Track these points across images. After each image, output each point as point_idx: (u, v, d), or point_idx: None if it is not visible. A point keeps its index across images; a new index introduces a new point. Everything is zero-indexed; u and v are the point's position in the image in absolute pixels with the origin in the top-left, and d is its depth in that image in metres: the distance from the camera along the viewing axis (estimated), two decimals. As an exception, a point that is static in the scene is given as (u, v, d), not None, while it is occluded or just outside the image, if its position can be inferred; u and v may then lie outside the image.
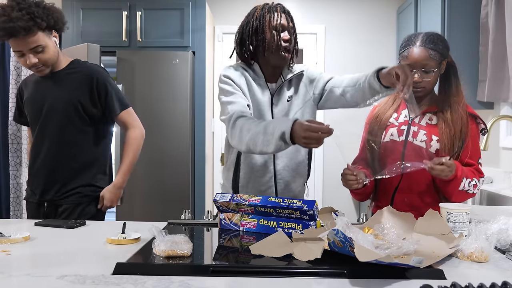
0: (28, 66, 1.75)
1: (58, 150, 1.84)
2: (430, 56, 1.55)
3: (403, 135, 1.64)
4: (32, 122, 1.90)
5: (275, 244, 1.20)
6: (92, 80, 1.85)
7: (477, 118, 1.63)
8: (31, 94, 1.88)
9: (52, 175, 1.86)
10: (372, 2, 4.06)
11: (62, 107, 1.82)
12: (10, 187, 3.97)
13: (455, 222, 1.30)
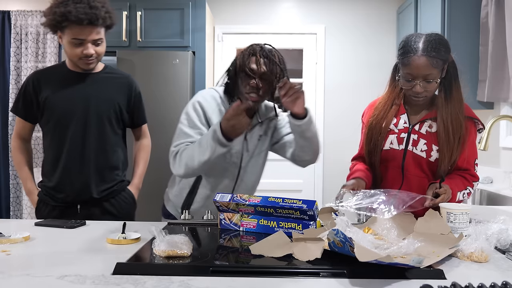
0: (80, 56, 1.74)
1: (99, 149, 1.82)
2: (432, 66, 1.46)
3: (403, 144, 1.60)
4: (65, 116, 1.79)
5: (275, 244, 1.20)
6: (131, 86, 1.92)
7: (476, 120, 1.61)
8: (62, 88, 1.80)
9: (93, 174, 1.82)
10: (372, 2, 4.06)
11: (106, 108, 1.83)
12: (10, 187, 3.98)
13: (455, 222, 1.30)
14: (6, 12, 3.92)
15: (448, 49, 1.51)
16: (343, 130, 4.03)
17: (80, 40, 1.72)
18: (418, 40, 1.50)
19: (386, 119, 1.63)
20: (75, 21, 1.68)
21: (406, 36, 1.58)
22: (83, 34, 1.72)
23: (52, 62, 3.86)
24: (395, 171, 1.62)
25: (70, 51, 1.75)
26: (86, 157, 1.81)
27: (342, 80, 4.07)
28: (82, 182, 1.81)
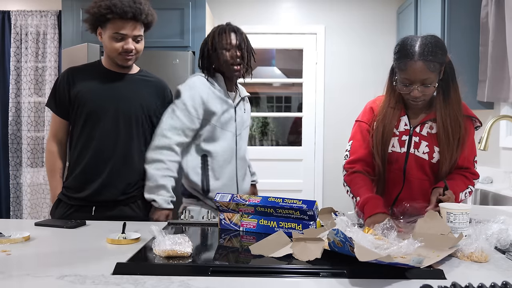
0: (119, 52, 1.75)
1: (125, 150, 1.79)
2: (429, 70, 1.45)
3: (405, 146, 1.59)
4: (96, 113, 1.78)
5: (275, 244, 1.20)
6: (164, 91, 1.93)
7: (473, 119, 1.61)
8: (96, 85, 1.79)
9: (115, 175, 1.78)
10: (372, 2, 4.06)
11: (136, 109, 1.81)
12: (10, 187, 3.98)
13: (455, 222, 1.30)
14: (6, 12, 3.92)
15: (444, 51, 1.49)
16: (343, 130, 4.03)
17: (121, 35, 1.74)
18: (414, 43, 1.47)
19: (389, 123, 1.60)
20: (120, 13, 1.71)
21: (401, 39, 1.55)
22: (125, 29, 1.74)
23: (52, 62, 3.86)
24: (396, 174, 1.61)
25: (110, 45, 1.76)
26: (111, 156, 1.78)
27: (342, 80, 4.07)
28: (101, 181, 1.77)
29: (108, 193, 1.78)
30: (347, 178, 1.67)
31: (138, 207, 1.83)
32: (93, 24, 1.78)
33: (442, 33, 2.96)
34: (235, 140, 1.97)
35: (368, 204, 1.51)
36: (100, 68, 1.84)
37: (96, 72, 1.83)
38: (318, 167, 4.10)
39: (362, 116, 1.70)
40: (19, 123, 3.96)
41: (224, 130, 1.93)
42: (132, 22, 1.75)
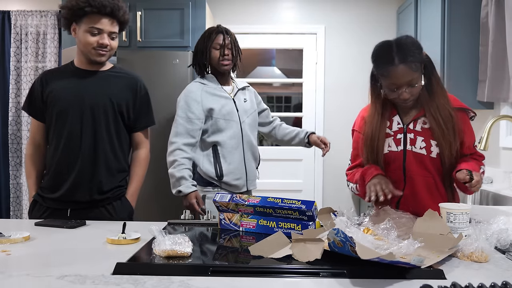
0: (94, 46, 1.76)
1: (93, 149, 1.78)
2: (412, 70, 1.46)
3: (401, 145, 1.60)
4: (63, 112, 1.78)
5: (275, 245, 1.20)
6: (136, 86, 1.89)
7: (466, 110, 1.61)
8: (65, 84, 1.80)
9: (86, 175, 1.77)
10: (372, 2, 4.06)
11: (102, 105, 1.79)
12: (10, 187, 3.97)
13: (455, 222, 1.30)
14: (6, 12, 3.92)
15: (420, 48, 1.51)
16: (343, 130, 4.03)
17: (98, 29, 1.75)
18: (390, 49, 1.48)
19: (380, 130, 1.60)
20: (98, 7, 1.72)
21: (376, 46, 1.55)
22: (102, 24, 1.75)
23: (52, 62, 3.86)
24: (396, 173, 1.61)
25: (86, 40, 1.76)
26: (80, 156, 1.77)
27: (342, 80, 4.07)
28: (73, 181, 1.76)
29: (80, 193, 1.77)
30: (349, 178, 1.73)
31: (114, 209, 1.82)
32: (69, 19, 1.78)
33: (442, 33, 2.96)
34: (239, 127, 2.17)
35: (368, 171, 1.58)
36: (72, 68, 1.85)
37: (68, 72, 1.84)
38: (318, 167, 4.09)
39: (356, 124, 1.75)
40: (19, 123, 3.96)
41: (228, 120, 2.13)
42: (109, 18, 1.76)
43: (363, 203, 3.68)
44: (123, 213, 1.83)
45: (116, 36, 1.82)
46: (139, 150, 1.94)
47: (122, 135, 1.86)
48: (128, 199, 1.87)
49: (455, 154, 1.56)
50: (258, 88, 2.41)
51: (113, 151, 1.82)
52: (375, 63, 1.54)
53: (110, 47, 1.80)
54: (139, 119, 1.90)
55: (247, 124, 2.21)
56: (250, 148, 2.22)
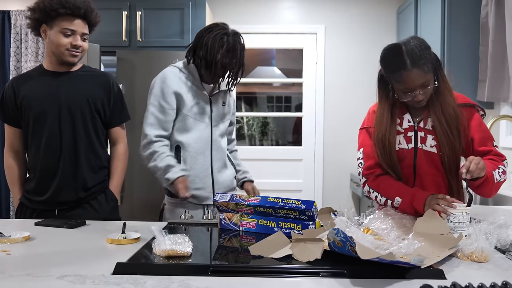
0: (67, 47, 1.77)
1: (74, 148, 1.80)
2: (425, 72, 1.45)
3: (412, 142, 1.58)
4: (41, 116, 1.78)
5: (275, 245, 1.20)
6: (108, 83, 1.90)
7: (475, 106, 1.59)
8: (38, 88, 1.81)
9: (70, 174, 1.79)
10: (372, 2, 4.06)
11: (79, 104, 1.80)
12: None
13: (455, 222, 1.30)
14: (6, 12, 3.92)
15: (429, 48, 1.49)
16: (343, 130, 4.04)
17: (71, 31, 1.76)
18: (400, 53, 1.46)
19: (391, 127, 1.59)
20: (72, 9, 1.74)
21: (384, 50, 1.52)
22: (75, 25, 1.77)
23: (52, 62, 3.86)
24: (406, 171, 1.60)
25: (58, 41, 1.77)
26: (61, 156, 1.79)
27: (342, 80, 4.07)
28: (58, 183, 1.78)
29: (66, 193, 1.79)
30: (372, 184, 1.62)
31: (98, 203, 1.85)
32: (40, 20, 1.80)
33: (442, 33, 2.96)
34: (210, 131, 1.97)
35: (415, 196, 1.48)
36: (42, 70, 1.86)
37: (39, 75, 1.85)
38: (318, 167, 4.09)
39: (367, 122, 1.69)
40: (19, 123, 3.96)
41: (197, 120, 1.94)
42: (82, 19, 1.78)
43: (363, 203, 3.68)
44: (108, 206, 1.87)
45: (87, 38, 1.84)
46: (117, 145, 1.95)
47: (100, 132, 1.88)
48: (112, 191, 1.90)
49: (458, 155, 1.54)
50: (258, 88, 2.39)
51: (92, 149, 1.85)
52: (386, 69, 1.51)
53: (82, 48, 1.81)
54: (114, 115, 1.92)
55: (219, 130, 2.01)
56: (221, 156, 2.00)
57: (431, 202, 1.39)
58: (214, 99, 2.00)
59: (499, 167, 1.51)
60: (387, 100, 1.60)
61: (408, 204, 1.49)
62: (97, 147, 1.86)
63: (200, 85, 1.96)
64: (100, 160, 1.88)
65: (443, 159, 1.54)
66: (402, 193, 1.52)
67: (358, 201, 4.02)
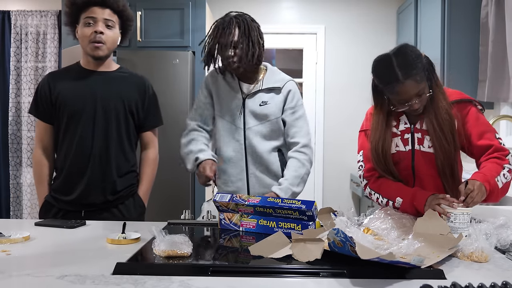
0: (90, 38, 1.74)
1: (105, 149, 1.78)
2: (419, 82, 1.43)
3: (409, 144, 1.58)
4: (75, 114, 1.77)
5: (275, 245, 1.20)
6: (144, 86, 1.89)
7: (472, 101, 1.56)
8: (74, 86, 1.79)
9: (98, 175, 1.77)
10: (372, 2, 4.06)
11: (114, 105, 1.78)
12: (10, 187, 3.98)
13: (455, 222, 1.30)
14: (6, 12, 3.92)
15: (419, 55, 1.46)
16: (343, 130, 4.04)
17: (91, 18, 1.74)
18: (391, 64, 1.43)
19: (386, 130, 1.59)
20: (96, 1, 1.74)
21: (375, 62, 1.49)
22: (94, 12, 1.75)
23: (52, 62, 3.86)
24: (405, 173, 1.59)
25: (82, 33, 1.76)
26: (91, 156, 1.76)
27: (342, 80, 4.07)
28: (86, 183, 1.76)
29: (94, 194, 1.76)
30: (373, 186, 1.62)
31: (126, 208, 1.82)
32: (71, 22, 1.79)
33: (442, 33, 2.96)
34: (243, 133, 1.88)
35: (416, 196, 1.48)
36: (78, 68, 1.85)
37: (75, 73, 1.83)
38: (318, 167, 4.09)
39: (365, 124, 1.69)
40: (19, 123, 3.96)
41: (229, 122, 1.89)
42: (99, 6, 1.75)
43: (363, 203, 3.68)
44: (135, 211, 1.83)
45: (113, 26, 1.78)
46: (148, 150, 1.93)
47: (132, 135, 1.86)
48: (140, 197, 1.87)
49: (453, 157, 1.52)
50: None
51: (123, 151, 1.82)
52: (378, 80, 1.50)
53: (106, 37, 1.76)
54: (147, 118, 1.89)
55: (255, 132, 1.87)
56: (259, 161, 1.87)
57: (432, 202, 1.39)
58: (250, 100, 1.89)
59: (504, 166, 1.46)
60: (382, 108, 1.59)
61: (409, 204, 1.49)
62: (127, 150, 1.83)
63: (236, 85, 1.90)
64: (129, 163, 1.85)
65: (437, 162, 1.53)
66: (403, 193, 1.53)
67: (358, 201, 4.02)
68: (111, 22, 1.78)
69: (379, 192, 1.60)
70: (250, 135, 1.87)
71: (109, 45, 1.79)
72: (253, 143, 1.87)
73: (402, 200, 1.51)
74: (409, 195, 1.50)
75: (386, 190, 1.58)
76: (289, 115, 1.93)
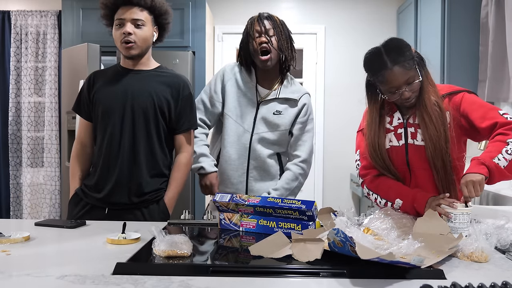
0: (120, 39, 1.74)
1: (133, 149, 1.75)
2: (407, 69, 1.46)
3: (402, 139, 1.59)
4: (107, 112, 1.76)
5: (275, 245, 1.20)
6: (179, 86, 1.83)
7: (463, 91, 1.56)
8: (109, 84, 1.80)
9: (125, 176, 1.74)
10: (372, 2, 4.06)
11: (143, 104, 1.75)
12: (10, 187, 3.98)
13: (455, 222, 1.30)
14: (6, 12, 3.92)
15: (408, 46, 1.50)
16: (343, 130, 4.04)
17: (119, 20, 1.74)
18: (380, 53, 1.48)
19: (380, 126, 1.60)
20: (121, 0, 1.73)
21: (366, 55, 1.54)
22: (123, 14, 1.74)
23: (52, 62, 3.86)
24: (401, 168, 1.60)
25: (114, 35, 1.77)
26: (120, 156, 1.74)
27: (342, 80, 4.08)
28: (114, 183, 1.74)
29: (119, 194, 1.74)
30: (371, 186, 1.63)
31: (149, 212, 1.77)
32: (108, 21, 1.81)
33: (442, 33, 2.96)
34: (249, 138, 1.90)
35: (416, 198, 1.48)
36: (117, 68, 1.85)
37: (113, 72, 1.84)
38: (318, 167, 4.09)
39: (362, 124, 1.71)
40: (19, 123, 3.97)
41: (237, 123, 1.89)
42: (125, 6, 1.74)
43: (363, 203, 3.68)
44: (159, 218, 1.77)
45: (144, 24, 1.76)
46: (180, 154, 1.85)
47: (163, 136, 1.80)
48: (165, 203, 1.80)
49: (444, 151, 1.51)
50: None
51: (152, 152, 1.77)
52: (369, 72, 1.54)
53: (136, 36, 1.75)
54: (180, 120, 1.82)
55: (261, 138, 1.89)
56: (260, 166, 1.91)
57: (432, 203, 1.40)
58: (265, 106, 1.90)
59: (508, 142, 1.41)
60: (375, 104, 1.61)
61: (410, 206, 1.49)
62: (158, 151, 1.78)
63: (253, 88, 1.91)
64: (159, 166, 1.79)
65: (427, 153, 1.53)
66: (403, 195, 1.53)
67: (358, 201, 4.02)
68: (140, 21, 1.75)
69: (377, 193, 1.60)
70: (256, 140, 1.90)
71: (140, 44, 1.77)
72: (257, 148, 1.90)
73: (402, 202, 1.51)
74: (409, 197, 1.50)
75: (384, 191, 1.58)
76: (298, 128, 1.96)
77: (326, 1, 4.08)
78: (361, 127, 1.71)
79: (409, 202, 1.49)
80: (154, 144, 1.78)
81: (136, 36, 1.75)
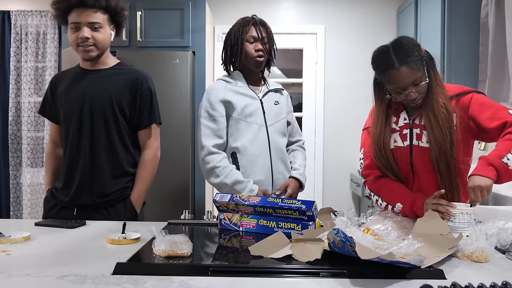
0: (77, 42, 1.71)
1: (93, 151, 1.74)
2: (414, 70, 1.44)
3: (407, 140, 1.58)
4: (67, 116, 1.76)
5: (275, 245, 1.20)
6: (137, 81, 1.79)
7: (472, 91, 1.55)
8: (69, 87, 1.78)
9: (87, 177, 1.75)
10: (372, 2, 4.06)
11: (100, 104, 1.73)
12: (10, 187, 3.98)
13: (455, 221, 1.30)
14: (6, 12, 3.92)
15: (418, 45, 1.48)
16: (343, 130, 4.03)
17: (74, 24, 1.70)
18: (388, 52, 1.47)
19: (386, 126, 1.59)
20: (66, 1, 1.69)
21: (374, 52, 1.53)
22: (78, 17, 1.69)
23: (52, 62, 3.86)
24: (405, 169, 1.59)
25: (69, 38, 1.74)
26: (80, 159, 1.75)
27: (342, 80, 4.07)
28: (77, 186, 1.75)
29: (83, 197, 1.75)
30: (372, 187, 1.63)
31: (115, 211, 1.76)
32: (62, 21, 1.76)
33: (442, 33, 2.96)
34: (265, 131, 1.93)
35: (415, 202, 1.48)
36: (77, 69, 1.84)
37: (73, 74, 1.82)
38: (318, 167, 4.09)
39: (368, 122, 1.70)
40: (19, 123, 3.97)
41: (249, 122, 1.90)
42: (79, 8, 1.68)
43: (363, 203, 3.68)
44: (125, 216, 1.76)
45: (101, 26, 1.71)
46: (144, 151, 1.84)
47: (125, 135, 1.78)
48: (132, 202, 1.79)
49: (448, 153, 1.50)
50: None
51: (114, 153, 1.76)
52: (376, 70, 1.52)
53: (94, 40, 1.71)
54: (141, 116, 1.80)
55: (275, 129, 1.96)
56: (280, 157, 1.96)
57: (429, 204, 1.40)
58: (265, 100, 1.98)
59: None
60: (382, 102, 1.60)
61: (409, 210, 1.50)
62: (120, 151, 1.77)
63: (248, 89, 1.95)
64: (123, 165, 1.78)
65: (432, 156, 1.52)
66: (403, 198, 1.52)
67: (358, 201, 4.02)
68: (97, 24, 1.71)
69: (378, 195, 1.60)
70: (272, 132, 1.97)
71: (100, 46, 1.75)
72: (275, 139, 1.97)
73: (402, 206, 1.51)
74: (408, 201, 1.50)
75: (386, 194, 1.58)
76: (290, 117, 2.13)
77: (326, 1, 4.08)
78: (367, 125, 1.70)
79: (409, 206, 1.49)
80: (116, 144, 1.77)
81: (94, 40, 1.72)
